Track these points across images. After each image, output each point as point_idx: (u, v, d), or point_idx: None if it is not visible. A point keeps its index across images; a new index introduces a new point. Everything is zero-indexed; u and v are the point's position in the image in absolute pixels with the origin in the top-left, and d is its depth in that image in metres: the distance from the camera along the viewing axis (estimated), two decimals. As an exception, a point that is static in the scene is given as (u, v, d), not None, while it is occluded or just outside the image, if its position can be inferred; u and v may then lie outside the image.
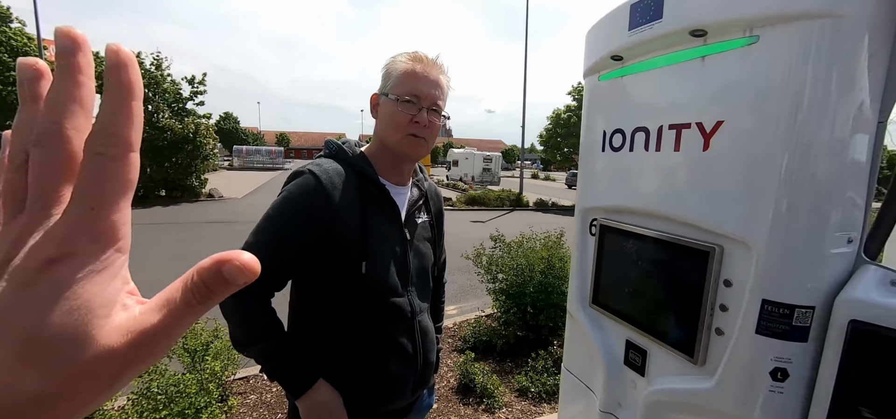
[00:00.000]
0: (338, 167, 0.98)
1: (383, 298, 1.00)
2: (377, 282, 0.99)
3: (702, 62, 0.92)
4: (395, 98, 0.98)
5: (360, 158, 1.02)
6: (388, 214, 1.03)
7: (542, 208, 15.97)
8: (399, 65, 1.00)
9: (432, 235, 1.19)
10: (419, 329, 1.09)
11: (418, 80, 0.98)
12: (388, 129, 1.00)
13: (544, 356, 3.20)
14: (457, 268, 6.57)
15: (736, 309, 0.92)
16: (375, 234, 0.98)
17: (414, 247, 1.09)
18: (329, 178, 0.94)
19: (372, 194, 1.00)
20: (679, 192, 1.00)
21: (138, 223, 9.81)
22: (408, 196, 1.11)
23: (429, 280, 1.17)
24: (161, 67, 14.69)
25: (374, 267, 0.97)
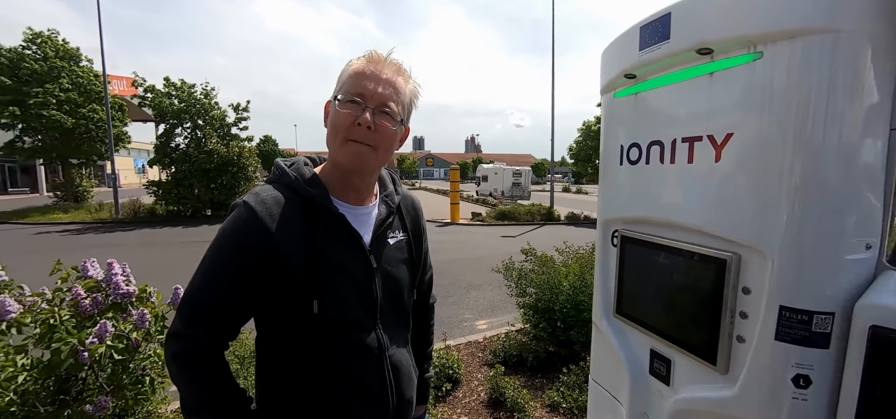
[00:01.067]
0: (276, 194, 0.84)
1: (344, 336, 0.88)
2: (334, 320, 0.86)
3: (710, 78, 0.96)
4: (338, 100, 0.85)
5: (306, 181, 0.88)
6: (345, 240, 0.88)
7: (574, 222, 15.66)
8: (350, 65, 0.88)
9: (408, 256, 1.03)
10: (390, 365, 0.95)
11: (366, 79, 0.85)
12: (330, 137, 0.87)
13: (576, 371, 3.16)
14: (486, 282, 6.60)
15: (755, 316, 0.94)
16: (328, 266, 0.85)
17: (382, 273, 0.94)
18: (265, 208, 0.80)
19: (321, 220, 0.86)
20: (694, 202, 1.03)
21: (189, 240, 10.53)
22: (374, 216, 0.96)
23: (404, 307, 1.02)
24: (209, 96, 15.84)
25: (329, 303, 0.84)
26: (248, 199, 0.82)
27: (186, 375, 0.78)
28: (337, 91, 0.87)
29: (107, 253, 2.29)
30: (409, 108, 0.94)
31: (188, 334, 0.78)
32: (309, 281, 0.82)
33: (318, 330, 0.85)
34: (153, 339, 2.16)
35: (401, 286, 1.00)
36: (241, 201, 0.82)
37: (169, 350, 0.80)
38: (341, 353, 0.88)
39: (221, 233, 0.81)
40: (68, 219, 14.27)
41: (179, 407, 0.85)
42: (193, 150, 15.16)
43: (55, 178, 20.53)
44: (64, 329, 1.85)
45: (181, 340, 0.79)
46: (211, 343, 0.81)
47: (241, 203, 0.82)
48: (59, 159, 17.78)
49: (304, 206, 0.85)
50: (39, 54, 16.16)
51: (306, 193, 0.86)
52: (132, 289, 2.02)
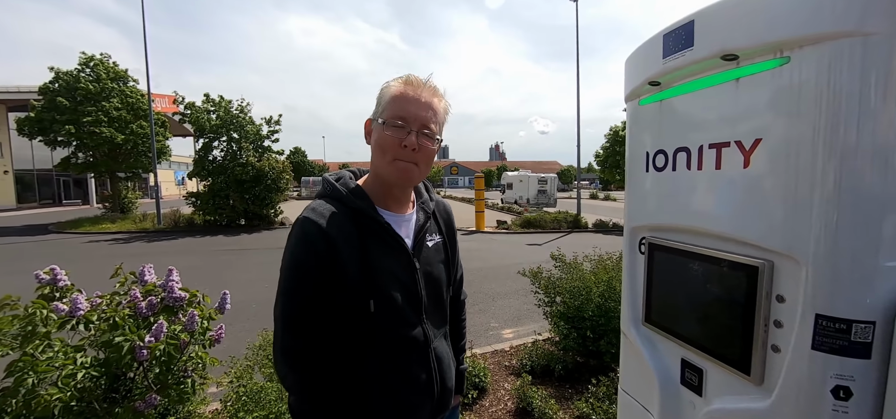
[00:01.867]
0: (329, 207, 0.94)
1: (395, 333, 0.98)
2: (387, 318, 0.96)
3: (736, 83, 0.96)
4: (383, 122, 0.95)
5: (353, 193, 0.98)
6: (392, 246, 0.99)
7: (603, 229, 15.29)
8: (390, 88, 0.97)
9: (445, 256, 1.14)
10: (434, 356, 1.06)
11: (408, 103, 0.95)
12: (377, 156, 0.98)
13: (606, 382, 3.09)
14: (512, 291, 6.55)
15: (790, 325, 0.91)
16: (380, 270, 0.95)
17: (424, 273, 1.04)
18: (324, 219, 0.91)
19: (370, 229, 0.96)
20: (723, 208, 1.02)
21: (225, 249, 11.02)
22: (413, 222, 1.07)
23: (443, 303, 1.13)
24: (244, 111, 16.61)
25: (383, 303, 0.95)
26: (307, 214, 0.92)
27: (301, 382, 0.92)
28: (380, 112, 0.97)
29: (151, 260, 2.46)
30: (443, 125, 1.04)
31: (298, 347, 0.92)
32: (365, 282, 0.93)
33: (373, 327, 0.95)
34: (196, 342, 2.30)
35: (440, 284, 1.11)
36: (302, 217, 0.93)
37: (285, 364, 0.93)
38: (393, 348, 0.98)
39: (291, 248, 0.92)
40: (115, 228, 15.25)
41: (219, 407, 0.99)
42: (229, 163, 15.90)
43: (104, 190, 22.05)
44: (126, 326, 2.00)
45: (294, 353, 0.92)
46: (317, 348, 0.93)
47: (302, 218, 0.92)
48: (108, 173, 19.07)
49: (354, 216, 0.96)
50: (92, 76, 17.48)
51: (354, 205, 0.96)
52: (184, 294, 2.16)
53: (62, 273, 2.14)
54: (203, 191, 16.13)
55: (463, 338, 1.32)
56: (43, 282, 2.10)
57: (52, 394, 1.89)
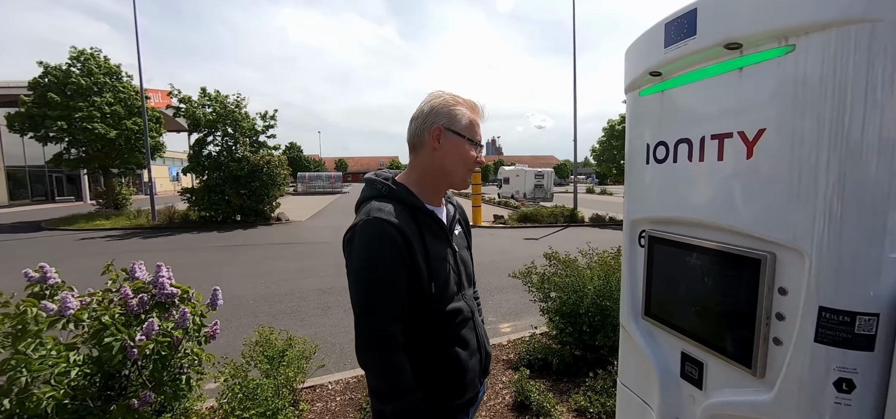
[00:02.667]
0: (392, 207, 1.06)
1: (448, 307, 1.14)
2: (442, 296, 1.11)
3: (739, 73, 0.94)
4: (472, 142, 1.15)
5: (404, 192, 1.12)
6: (439, 235, 1.15)
7: (599, 224, 15.34)
8: (464, 111, 1.14)
9: (467, 242, 1.35)
10: (477, 325, 1.25)
11: (479, 128, 1.19)
12: (456, 164, 1.15)
13: (603, 376, 3.10)
14: (510, 285, 6.55)
15: (793, 317, 0.91)
16: (435, 256, 1.10)
17: (459, 257, 1.23)
18: (394, 217, 1.03)
19: (424, 221, 1.11)
20: (725, 200, 1.01)
21: (221, 245, 10.96)
22: (445, 213, 1.25)
23: (474, 281, 1.35)
24: (240, 106, 16.46)
25: (439, 283, 1.10)
26: (379, 216, 1.02)
27: (386, 367, 1.01)
28: (463, 129, 1.13)
29: (146, 257, 2.42)
30: None
31: (389, 332, 1.01)
32: (428, 268, 1.07)
33: (433, 305, 1.10)
34: (191, 338, 2.27)
35: (470, 266, 1.31)
36: (373, 218, 1.02)
37: (381, 351, 1.01)
38: (449, 321, 1.14)
39: (369, 248, 1.00)
40: (110, 225, 15.11)
41: (212, 406, 1.00)
42: (224, 158, 15.77)
43: (98, 186, 21.82)
44: (114, 326, 1.97)
45: (389, 340, 1.01)
46: (401, 335, 1.04)
47: (375, 220, 1.01)
48: (101, 169, 18.86)
49: (411, 212, 1.09)
50: (83, 71, 17.22)
51: (410, 202, 1.11)
52: (175, 291, 2.13)
53: (52, 271, 2.10)
54: (198, 186, 16.00)
55: (480, 313, 1.45)
56: (32, 281, 2.06)
57: (45, 393, 1.86)
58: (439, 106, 1.14)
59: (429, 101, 1.16)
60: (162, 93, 21.88)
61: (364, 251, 1.01)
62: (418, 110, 1.17)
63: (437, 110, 1.13)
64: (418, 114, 1.16)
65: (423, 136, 1.14)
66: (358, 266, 1.02)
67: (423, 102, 1.17)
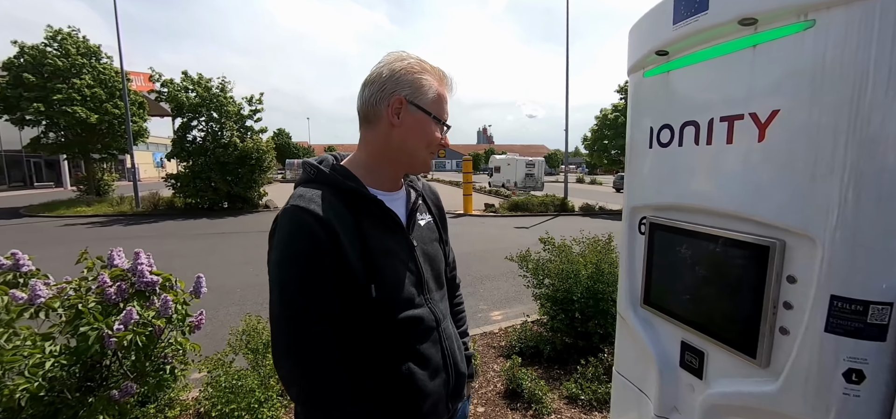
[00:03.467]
0: (318, 192, 0.88)
1: (402, 315, 0.92)
2: (391, 301, 0.91)
3: (753, 51, 0.89)
4: (438, 120, 0.96)
5: (342, 174, 0.92)
6: (388, 225, 0.94)
7: (589, 213, 15.45)
8: (431, 82, 0.95)
9: (438, 235, 1.12)
10: (444, 336, 1.02)
11: (446, 103, 1.00)
12: (418, 145, 0.96)
13: (595, 363, 3.11)
14: (501, 273, 6.56)
15: (802, 306, 0.88)
16: (379, 251, 0.89)
17: (422, 252, 1.01)
18: (317, 205, 0.84)
19: (364, 209, 0.91)
20: (734, 185, 0.97)
21: (207, 232, 10.75)
22: (404, 199, 1.04)
23: (443, 282, 1.10)
24: (225, 90, 16.03)
25: (385, 285, 0.89)
26: (296, 203, 0.84)
27: (312, 373, 0.82)
28: (427, 102, 0.95)
29: (129, 244, 2.32)
30: None
31: (307, 348, 0.82)
32: (365, 267, 0.87)
33: (379, 313, 0.89)
34: (174, 327, 2.20)
35: (439, 264, 1.08)
36: (290, 206, 0.85)
37: (294, 368, 0.83)
38: (403, 332, 0.93)
39: (284, 242, 0.83)
40: (91, 212, 14.71)
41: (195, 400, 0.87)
42: (210, 144, 15.39)
43: (78, 172, 21.18)
44: (91, 315, 1.88)
45: (303, 355, 0.82)
46: (328, 346, 0.84)
47: (291, 208, 0.84)
48: (82, 154, 18.28)
49: (345, 198, 0.90)
50: (61, 51, 16.54)
51: (345, 186, 0.91)
52: (156, 278, 2.04)
53: (25, 257, 2.00)
54: (183, 172, 15.62)
55: (463, 322, 1.27)
56: (3, 269, 1.95)
57: (18, 385, 1.78)
58: (402, 72, 0.93)
59: (389, 64, 0.94)
60: (144, 76, 21.18)
61: (281, 244, 0.84)
62: (374, 73, 0.94)
63: (398, 77, 0.92)
64: (374, 78, 0.94)
65: (378, 107, 0.93)
66: (274, 261, 0.84)
67: (380, 64, 0.95)
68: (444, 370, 1.00)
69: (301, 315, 0.82)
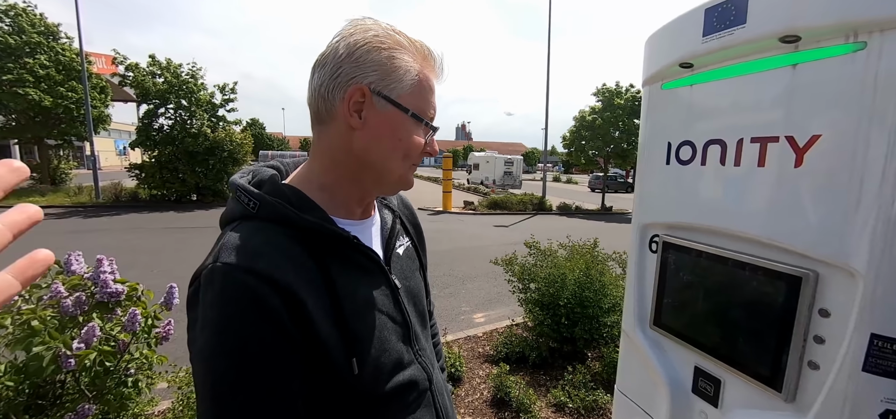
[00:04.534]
0: (267, 236, 0.61)
1: (389, 382, 0.68)
2: (377, 371, 0.67)
3: (793, 70, 0.84)
4: (419, 120, 0.67)
5: (294, 204, 0.64)
6: (365, 268, 0.70)
7: (566, 212, 15.70)
8: (407, 63, 0.66)
9: (419, 261, 0.89)
10: (437, 393, 0.80)
11: (433, 94, 0.70)
12: (392, 155, 0.67)
13: (582, 370, 3.10)
14: (482, 273, 6.52)
15: (835, 342, 0.83)
16: (357, 309, 0.65)
17: (406, 292, 0.78)
18: (266, 261, 0.57)
19: (333, 251, 0.65)
20: (764, 210, 0.92)
21: (176, 226, 10.21)
22: (379, 226, 0.80)
23: (426, 321, 0.86)
24: (196, 76, 15.29)
25: (369, 353, 0.65)
26: (232, 259, 0.56)
27: None
28: (401, 94, 0.65)
29: (89, 238, 2.10)
30: None
31: None
32: (343, 336, 0.62)
33: (363, 389, 0.64)
34: (140, 340, 2.01)
35: (421, 298, 0.85)
36: (220, 264, 0.56)
37: None
38: (393, 404, 0.70)
39: (221, 327, 0.55)
40: (45, 202, 13.71)
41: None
42: (178, 133, 14.64)
43: (31, 159, 19.72)
44: (46, 332, 1.68)
45: None
46: None
47: (223, 266, 0.55)
48: (35, 140, 17.03)
49: (305, 240, 0.62)
50: (14, 27, 15.30)
51: (303, 223, 0.62)
52: (121, 289, 1.85)
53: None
54: (148, 162, 14.80)
55: (441, 357, 1.01)
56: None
57: (-47, 410, 1.56)
58: (365, 48, 0.64)
59: (346, 37, 0.65)
60: (107, 59, 19.92)
61: (211, 325, 0.55)
62: (328, 51, 0.66)
63: (360, 57, 0.64)
64: (327, 57, 0.65)
65: (332, 101, 0.65)
66: (200, 350, 0.56)
67: (336, 37, 0.66)
68: None
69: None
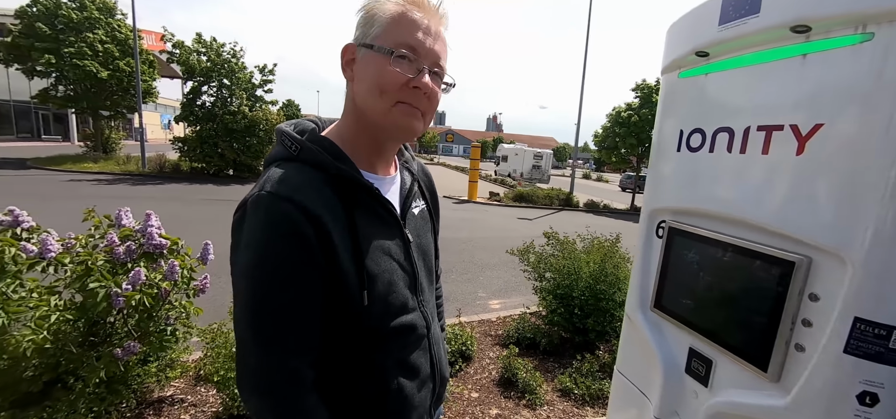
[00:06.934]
0: (306, 176, 0.70)
1: (394, 321, 0.78)
2: (384, 308, 0.76)
3: (802, 60, 0.86)
4: (387, 51, 0.69)
5: (331, 153, 0.73)
6: (383, 219, 0.78)
7: (593, 210, 15.40)
8: (383, 6, 0.71)
9: (432, 224, 0.96)
10: (433, 342, 0.89)
11: (418, 29, 0.70)
12: (371, 95, 0.72)
13: (590, 359, 3.12)
14: (501, 262, 6.57)
15: (822, 325, 0.86)
16: (373, 251, 0.74)
17: (417, 247, 0.86)
18: (303, 194, 0.66)
19: (359, 199, 0.74)
20: (764, 197, 0.95)
21: (213, 198, 10.79)
22: (398, 185, 0.87)
23: (433, 279, 0.95)
24: (237, 56, 15.92)
25: (378, 291, 0.74)
26: (275, 189, 0.65)
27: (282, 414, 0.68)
28: (375, 36, 0.70)
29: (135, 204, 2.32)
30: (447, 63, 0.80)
31: (288, 370, 0.68)
32: (358, 271, 0.71)
33: (369, 321, 0.75)
34: (180, 291, 2.21)
35: (431, 257, 0.93)
36: (266, 193, 0.65)
37: (263, 399, 0.68)
38: (394, 341, 0.79)
39: (259, 240, 0.65)
40: (97, 169, 14.76)
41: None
42: (219, 110, 15.34)
43: (86, 128, 21.19)
44: (99, 272, 1.89)
45: (275, 382, 0.67)
46: (309, 370, 0.70)
47: (267, 194, 0.65)
48: (91, 110, 18.27)
49: (336, 185, 0.71)
50: (76, 3, 16.39)
51: (336, 170, 0.71)
52: (164, 241, 2.04)
53: (24, 214, 1.99)
54: (190, 136, 15.61)
55: (442, 317, 1.12)
56: (3, 225, 1.95)
57: (24, 336, 1.80)
58: (358, 13, 0.74)
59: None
60: (156, 35, 20.99)
61: (252, 245, 0.66)
62: None
63: (356, 23, 0.75)
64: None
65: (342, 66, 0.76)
66: (241, 266, 0.67)
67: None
68: (432, 378, 0.89)
69: (276, 345, 0.67)
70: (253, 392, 0.69)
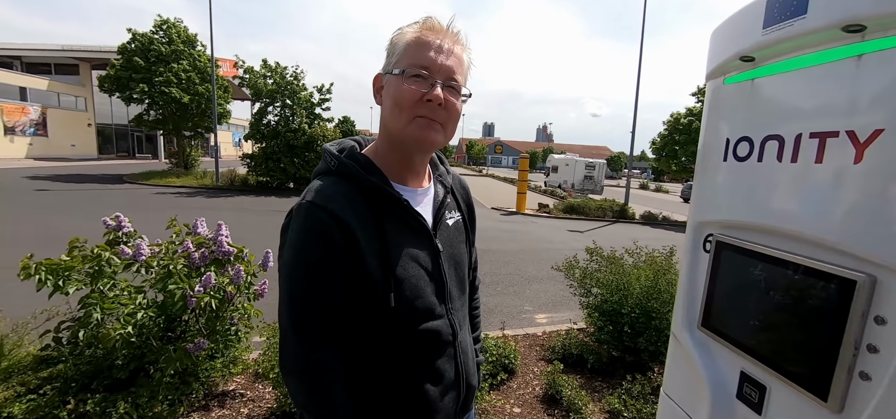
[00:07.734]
0: (339, 187, 0.79)
1: (420, 326, 0.85)
2: (410, 312, 0.83)
3: (857, 62, 0.79)
4: (400, 72, 0.79)
5: (363, 168, 0.82)
6: (413, 228, 0.85)
7: (650, 222, 14.51)
8: (405, 35, 0.81)
9: (466, 236, 1.01)
10: (460, 350, 0.94)
11: (429, 49, 0.79)
12: (392, 115, 0.81)
13: (642, 381, 2.94)
14: (549, 276, 6.40)
15: (891, 351, 0.77)
16: (401, 257, 0.81)
17: (446, 256, 0.91)
18: (336, 203, 0.76)
19: (389, 209, 0.82)
20: (819, 210, 0.87)
21: (275, 209, 11.65)
22: (432, 197, 0.93)
23: (465, 288, 1.00)
24: (298, 78, 17.18)
25: (405, 295, 0.81)
26: (313, 199, 0.76)
27: (313, 402, 0.77)
28: (394, 63, 0.81)
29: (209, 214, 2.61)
30: (467, 78, 0.88)
31: (317, 362, 0.77)
32: (384, 275, 0.79)
33: (395, 324, 0.82)
34: (242, 294, 2.43)
35: (463, 267, 0.98)
36: (306, 202, 0.77)
37: (301, 383, 0.78)
38: (419, 345, 0.85)
39: (298, 243, 0.76)
40: (180, 182, 16.56)
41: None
42: (282, 128, 16.60)
43: (171, 147, 23.92)
44: (178, 275, 2.14)
45: (312, 370, 0.77)
46: (338, 361, 0.79)
47: (308, 205, 0.76)
48: (175, 131, 20.63)
49: (368, 195, 0.80)
50: (165, 39, 18.73)
51: (367, 182, 0.80)
52: (232, 249, 2.27)
53: (126, 220, 2.31)
54: (257, 153, 17.02)
55: (477, 328, 1.18)
56: (109, 228, 2.27)
57: (115, 329, 2.07)
58: (386, 50, 0.85)
59: None
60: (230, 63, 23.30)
61: (293, 246, 0.77)
62: None
63: (386, 54, 0.86)
64: None
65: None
66: (285, 261, 0.78)
67: None
68: (456, 386, 0.93)
69: (308, 336, 0.77)
70: (289, 374, 0.79)
